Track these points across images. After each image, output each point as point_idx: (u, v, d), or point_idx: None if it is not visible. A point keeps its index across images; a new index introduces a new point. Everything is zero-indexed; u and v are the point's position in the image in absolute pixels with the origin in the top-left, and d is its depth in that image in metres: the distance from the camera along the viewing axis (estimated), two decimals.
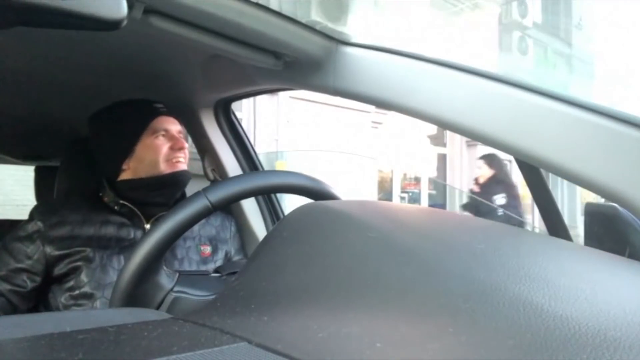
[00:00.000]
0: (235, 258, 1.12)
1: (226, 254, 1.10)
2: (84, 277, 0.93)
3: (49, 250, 0.95)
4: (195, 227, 1.05)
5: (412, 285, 0.34)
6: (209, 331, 0.36)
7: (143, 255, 0.58)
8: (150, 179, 1.01)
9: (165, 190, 1.03)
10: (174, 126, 1.05)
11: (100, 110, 1.08)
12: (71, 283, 0.94)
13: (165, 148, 1.02)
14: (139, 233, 1.01)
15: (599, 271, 0.37)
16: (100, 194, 1.06)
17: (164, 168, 1.01)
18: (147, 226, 1.03)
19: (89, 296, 0.93)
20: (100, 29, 0.34)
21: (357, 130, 7.53)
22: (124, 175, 1.04)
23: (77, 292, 0.93)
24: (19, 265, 0.95)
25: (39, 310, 1.00)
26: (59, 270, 0.95)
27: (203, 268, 1.03)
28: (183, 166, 1.03)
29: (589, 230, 0.71)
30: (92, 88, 1.24)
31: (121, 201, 1.02)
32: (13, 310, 0.94)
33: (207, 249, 1.06)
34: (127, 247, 0.98)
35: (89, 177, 1.23)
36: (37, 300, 0.99)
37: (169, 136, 1.03)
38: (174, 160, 1.02)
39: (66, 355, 0.30)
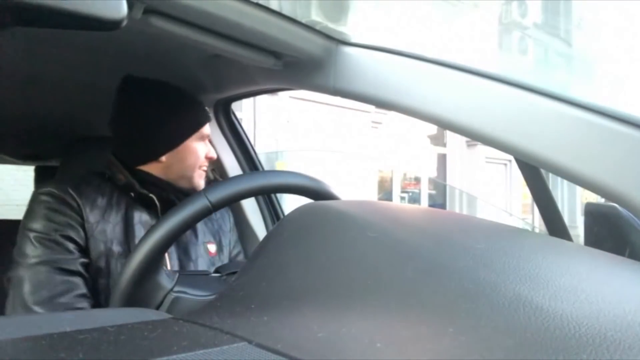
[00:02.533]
0: (234, 251, 1.11)
1: (229, 251, 1.09)
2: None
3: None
4: (200, 224, 1.04)
5: (412, 285, 0.34)
6: (209, 331, 0.36)
7: (143, 255, 0.58)
8: (171, 186, 0.97)
9: (179, 195, 0.99)
10: (209, 134, 1.05)
11: (140, 82, 0.99)
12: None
13: (203, 155, 1.01)
14: (147, 219, 0.96)
15: (599, 271, 0.37)
16: (108, 175, 0.97)
17: (196, 175, 1.00)
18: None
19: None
20: (100, 29, 0.34)
21: (357, 130, 7.53)
22: (153, 167, 0.97)
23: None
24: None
25: None
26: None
27: (207, 263, 1.01)
28: (203, 178, 1.03)
29: (589, 230, 0.71)
30: (92, 88, 1.24)
31: (144, 191, 0.95)
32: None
33: (213, 247, 1.04)
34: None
35: None
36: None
37: (206, 143, 1.03)
38: (202, 169, 1.02)
39: (66, 355, 0.30)
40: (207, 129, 1.02)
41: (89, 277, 0.88)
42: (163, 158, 0.97)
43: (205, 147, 1.02)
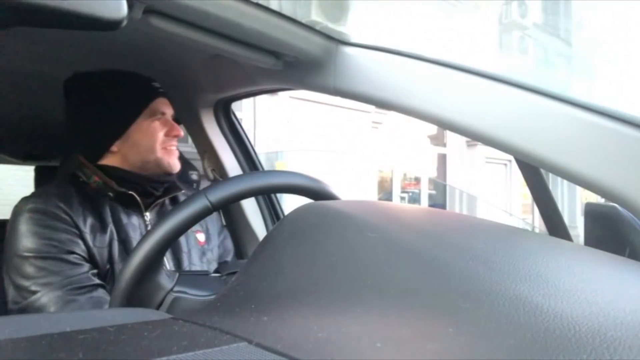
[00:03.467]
0: (220, 237, 1.09)
1: (217, 240, 1.07)
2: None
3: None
4: None
5: (412, 285, 0.34)
6: (209, 331, 0.36)
7: (143, 256, 0.58)
8: (142, 177, 0.92)
9: (156, 185, 0.95)
10: (169, 110, 0.96)
11: (83, 74, 0.93)
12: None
13: (162, 133, 0.93)
14: (133, 217, 0.93)
15: (599, 271, 0.37)
16: (81, 179, 0.92)
17: (160, 155, 0.93)
18: (147, 214, 0.96)
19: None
20: (100, 29, 0.34)
21: (357, 130, 7.53)
22: (111, 160, 0.92)
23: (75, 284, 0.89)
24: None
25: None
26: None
27: (199, 254, 0.99)
28: (176, 157, 0.96)
29: (589, 230, 0.71)
30: None
31: (121, 189, 0.91)
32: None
33: (202, 237, 1.02)
34: (125, 236, 0.91)
35: None
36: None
37: (164, 120, 0.94)
38: (169, 148, 0.94)
39: (66, 355, 0.30)
40: (161, 104, 0.94)
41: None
42: (114, 148, 0.91)
43: (163, 124, 0.94)
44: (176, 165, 0.96)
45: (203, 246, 1.02)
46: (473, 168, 9.24)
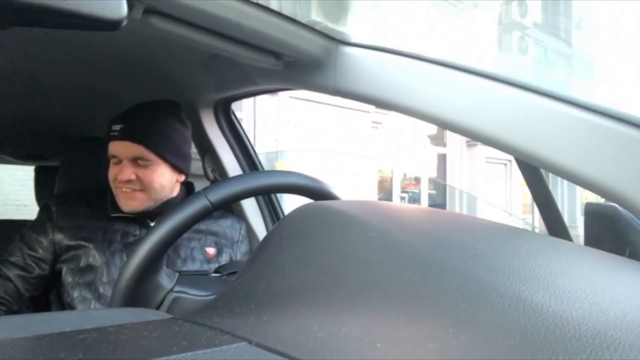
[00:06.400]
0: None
1: (231, 258, 1.10)
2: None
3: (58, 238, 0.98)
4: (202, 227, 1.06)
5: (412, 285, 0.34)
6: (209, 331, 0.36)
7: (143, 255, 0.58)
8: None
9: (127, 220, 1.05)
10: (126, 151, 0.96)
11: None
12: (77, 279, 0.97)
13: (113, 175, 0.98)
14: (144, 231, 1.02)
15: (599, 271, 0.37)
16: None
17: (117, 193, 0.99)
18: (152, 224, 1.03)
19: (92, 291, 0.95)
20: (100, 29, 0.34)
21: (357, 130, 7.53)
22: None
23: (82, 287, 0.95)
24: (30, 252, 0.98)
25: (49, 301, 1.04)
26: (65, 261, 0.98)
27: (206, 268, 1.03)
28: (129, 199, 0.98)
29: (589, 230, 0.71)
30: (92, 88, 1.24)
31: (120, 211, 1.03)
32: (18, 295, 0.96)
33: (212, 250, 1.06)
34: (131, 243, 0.99)
35: (90, 176, 1.23)
36: (46, 291, 1.02)
37: (114, 164, 0.98)
38: (119, 190, 0.98)
39: (66, 355, 0.30)
40: (113, 147, 0.97)
41: None
42: None
43: (112, 168, 0.98)
44: (128, 207, 0.99)
45: (211, 258, 1.05)
46: (473, 168, 9.23)
